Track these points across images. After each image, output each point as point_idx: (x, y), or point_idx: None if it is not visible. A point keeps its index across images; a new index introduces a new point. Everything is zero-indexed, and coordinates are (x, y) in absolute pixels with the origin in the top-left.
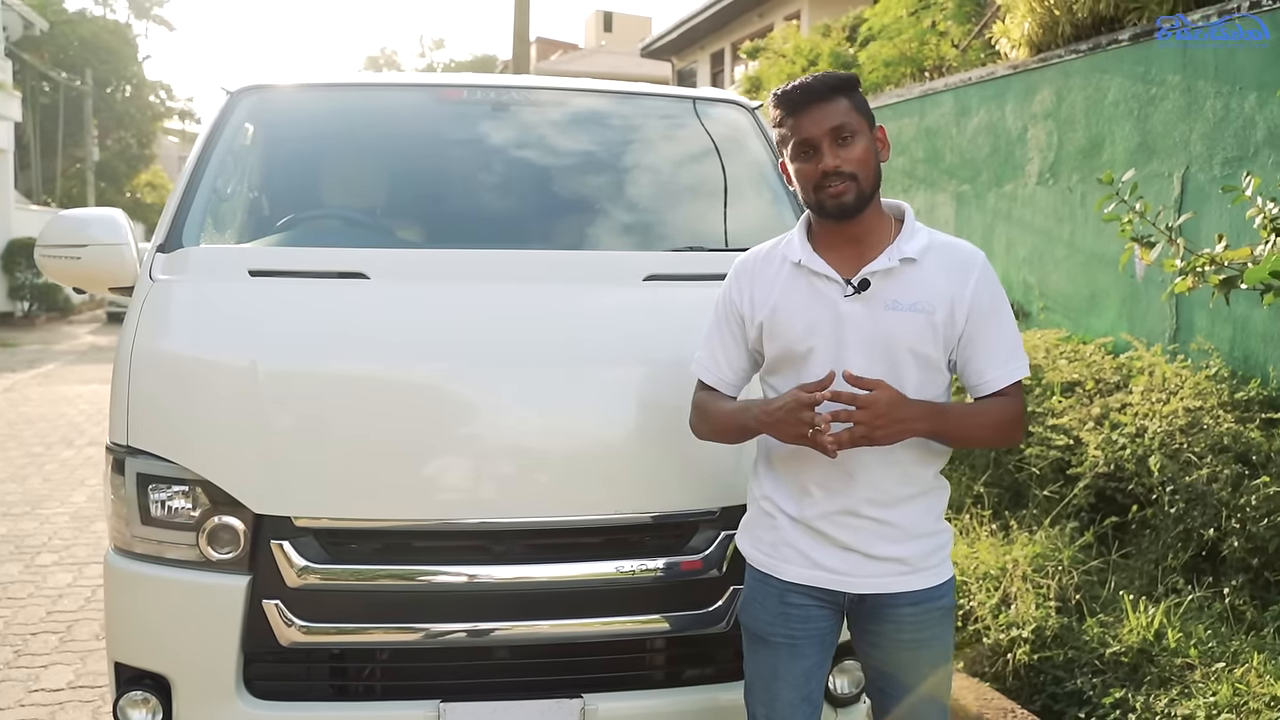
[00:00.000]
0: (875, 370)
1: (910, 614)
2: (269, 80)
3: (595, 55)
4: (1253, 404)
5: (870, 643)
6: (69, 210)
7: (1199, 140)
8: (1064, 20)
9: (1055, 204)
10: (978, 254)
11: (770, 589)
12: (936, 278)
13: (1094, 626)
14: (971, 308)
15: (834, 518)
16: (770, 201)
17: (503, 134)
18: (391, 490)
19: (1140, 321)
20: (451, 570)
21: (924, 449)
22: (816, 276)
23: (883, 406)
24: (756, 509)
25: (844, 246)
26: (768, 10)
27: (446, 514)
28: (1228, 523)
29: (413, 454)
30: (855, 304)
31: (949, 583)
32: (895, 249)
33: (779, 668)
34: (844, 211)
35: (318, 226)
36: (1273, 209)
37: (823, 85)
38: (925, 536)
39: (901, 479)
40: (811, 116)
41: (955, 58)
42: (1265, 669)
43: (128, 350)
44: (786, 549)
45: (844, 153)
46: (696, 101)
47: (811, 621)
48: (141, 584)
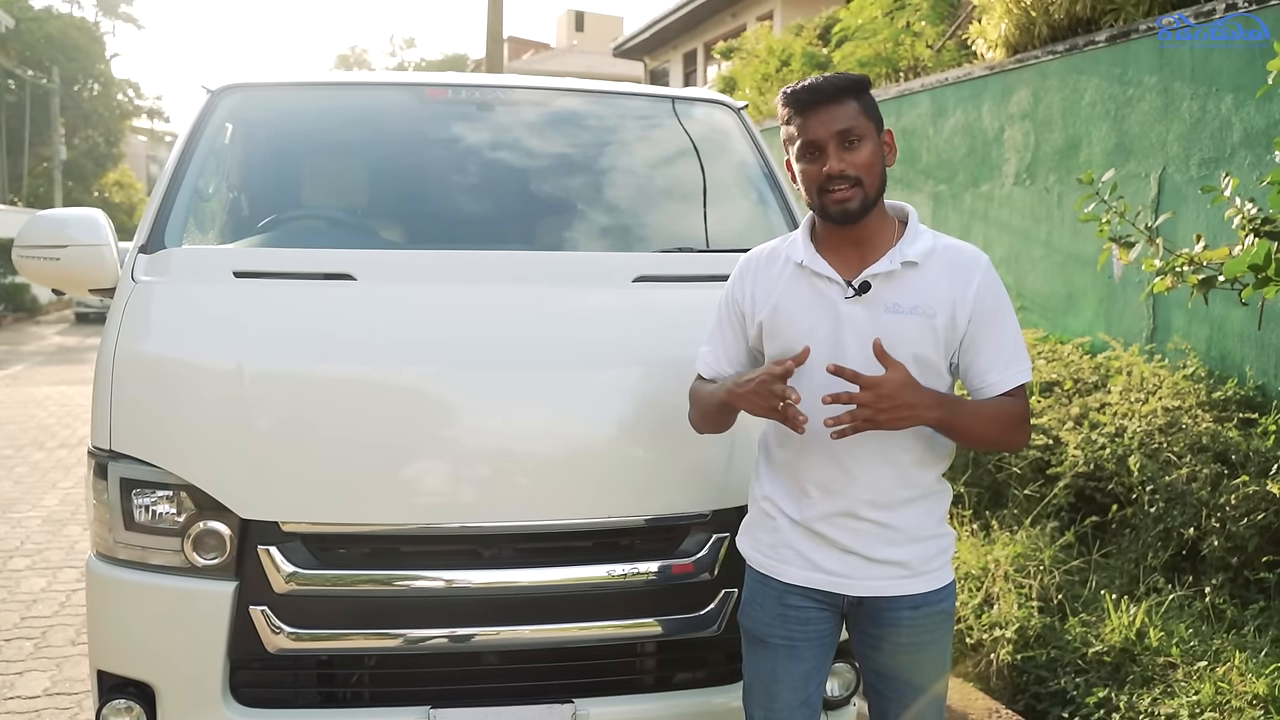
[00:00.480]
0: (874, 372)
1: (910, 618)
2: (250, 79)
3: (567, 55)
4: (1230, 403)
5: (869, 645)
6: (47, 210)
7: (1176, 141)
8: (1040, 22)
9: (1032, 204)
10: (981, 257)
11: (770, 590)
12: (938, 281)
13: (1076, 626)
14: (974, 311)
15: (833, 519)
16: (757, 202)
17: (489, 134)
18: (381, 494)
19: (1117, 321)
20: (442, 575)
21: (925, 450)
22: (818, 277)
23: (890, 389)
24: (757, 510)
25: (847, 248)
26: (740, 10)
27: (437, 518)
28: (1207, 522)
29: (403, 458)
30: (855, 306)
31: (949, 587)
32: (897, 252)
33: (778, 669)
34: (847, 216)
35: (301, 227)
36: (1251, 209)
37: (832, 86)
38: (926, 540)
39: (901, 481)
40: (819, 118)
41: (930, 58)
42: (1247, 667)
43: (110, 353)
44: (786, 550)
45: (850, 156)
46: (683, 102)
47: (811, 624)
48: (125, 590)
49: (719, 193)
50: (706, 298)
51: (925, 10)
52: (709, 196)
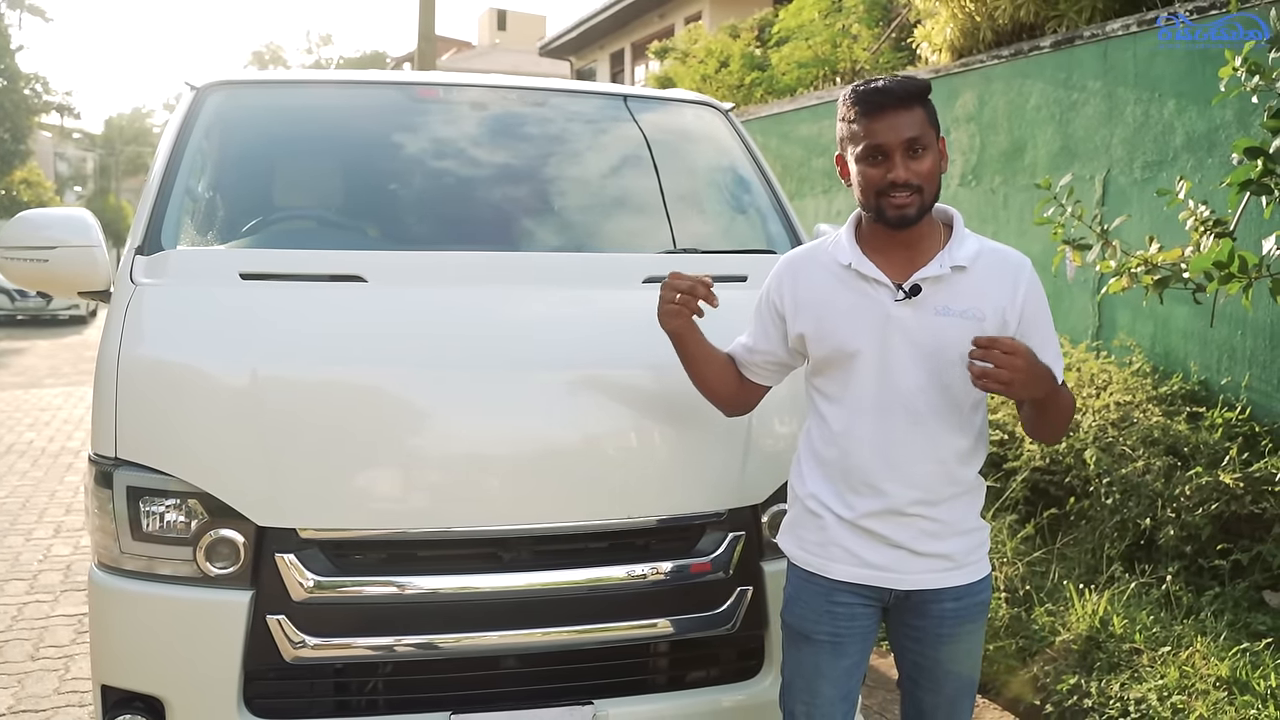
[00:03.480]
0: (921, 374)
1: (952, 609)
2: (236, 76)
3: (490, 54)
4: (1177, 398)
5: (910, 637)
6: (32, 210)
7: (1119, 145)
8: (985, 26)
9: (979, 205)
10: (1025, 261)
11: (817, 588)
12: (987, 284)
13: (1043, 615)
14: (1022, 313)
15: (882, 517)
16: (753, 203)
17: (488, 133)
18: (400, 499)
19: (1064, 319)
20: (461, 578)
21: (969, 448)
22: (865, 280)
23: (1029, 357)
24: (800, 508)
25: (894, 250)
26: (669, 11)
27: (456, 522)
28: (1163, 512)
29: (420, 461)
30: (905, 308)
31: (987, 578)
32: (947, 255)
33: (822, 665)
34: (904, 222)
35: (302, 227)
36: (1204, 211)
37: (903, 90)
38: (968, 533)
39: (946, 479)
40: (889, 122)
41: (868, 61)
42: (1209, 651)
43: (113, 358)
44: (835, 548)
45: (915, 165)
46: (671, 103)
47: (857, 619)
48: (133, 602)
49: (717, 194)
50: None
51: (860, 13)
52: (709, 198)
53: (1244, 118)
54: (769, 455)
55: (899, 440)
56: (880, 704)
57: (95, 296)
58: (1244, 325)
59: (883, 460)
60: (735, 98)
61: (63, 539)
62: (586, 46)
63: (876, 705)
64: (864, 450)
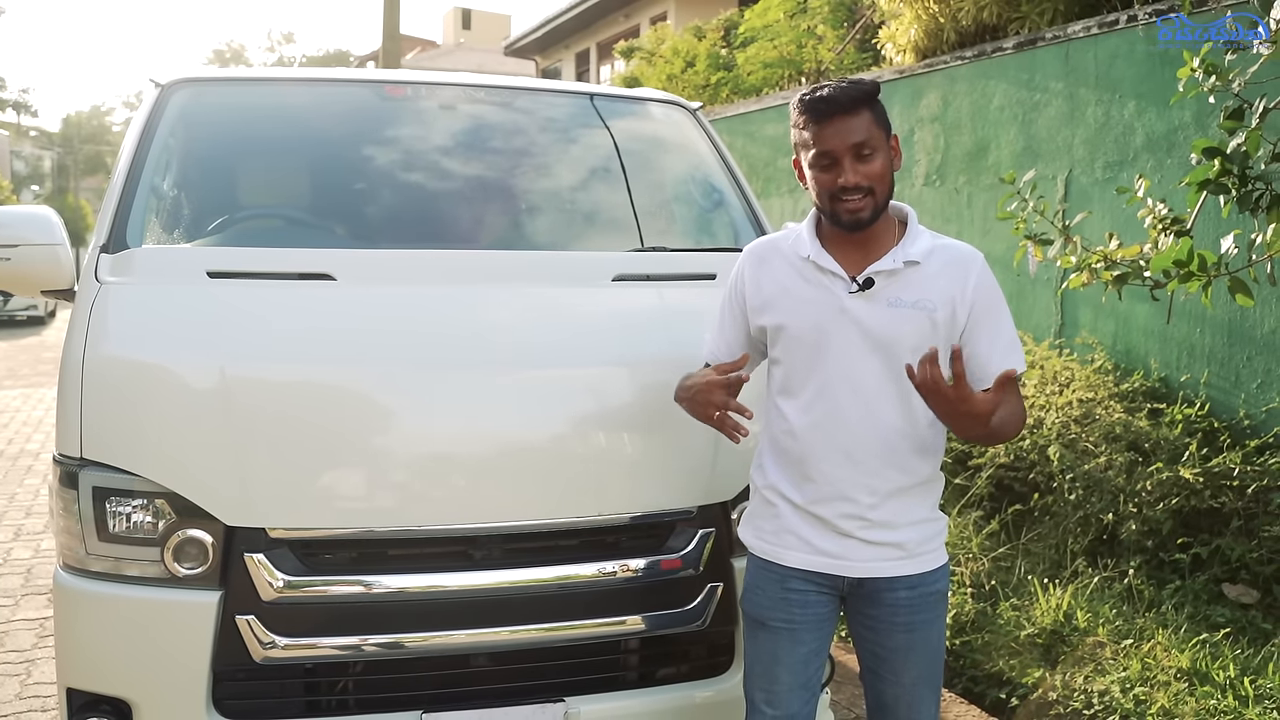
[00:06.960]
0: (874, 364)
1: (906, 598)
2: (201, 73)
3: (455, 53)
4: (1138, 394)
5: (866, 626)
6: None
7: (1081, 145)
8: (949, 28)
9: (943, 204)
10: (976, 254)
11: (771, 575)
12: (938, 278)
13: (1008, 610)
14: (973, 305)
15: (833, 504)
16: (722, 201)
17: (457, 132)
18: (370, 498)
19: (1027, 317)
20: (432, 577)
21: (924, 442)
22: (823, 272)
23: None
24: (759, 499)
25: (851, 245)
26: (634, 11)
27: (425, 520)
28: (1125, 507)
29: (390, 460)
30: (859, 300)
31: (943, 568)
32: (900, 251)
33: (779, 652)
34: (858, 224)
35: (269, 225)
36: (1162, 209)
37: (847, 98)
38: (921, 524)
39: (899, 469)
40: (835, 128)
41: (833, 62)
42: (1170, 643)
43: (78, 357)
44: (788, 535)
45: (864, 168)
46: (639, 102)
47: (810, 606)
48: (99, 603)
49: (685, 192)
50: (686, 295)
51: (825, 14)
52: (677, 196)
53: (1202, 119)
54: (739, 452)
55: (852, 429)
56: (849, 699)
57: (59, 295)
58: (1203, 323)
59: (835, 448)
60: (701, 97)
61: (23, 542)
62: (552, 46)
63: (845, 700)
64: (817, 437)
